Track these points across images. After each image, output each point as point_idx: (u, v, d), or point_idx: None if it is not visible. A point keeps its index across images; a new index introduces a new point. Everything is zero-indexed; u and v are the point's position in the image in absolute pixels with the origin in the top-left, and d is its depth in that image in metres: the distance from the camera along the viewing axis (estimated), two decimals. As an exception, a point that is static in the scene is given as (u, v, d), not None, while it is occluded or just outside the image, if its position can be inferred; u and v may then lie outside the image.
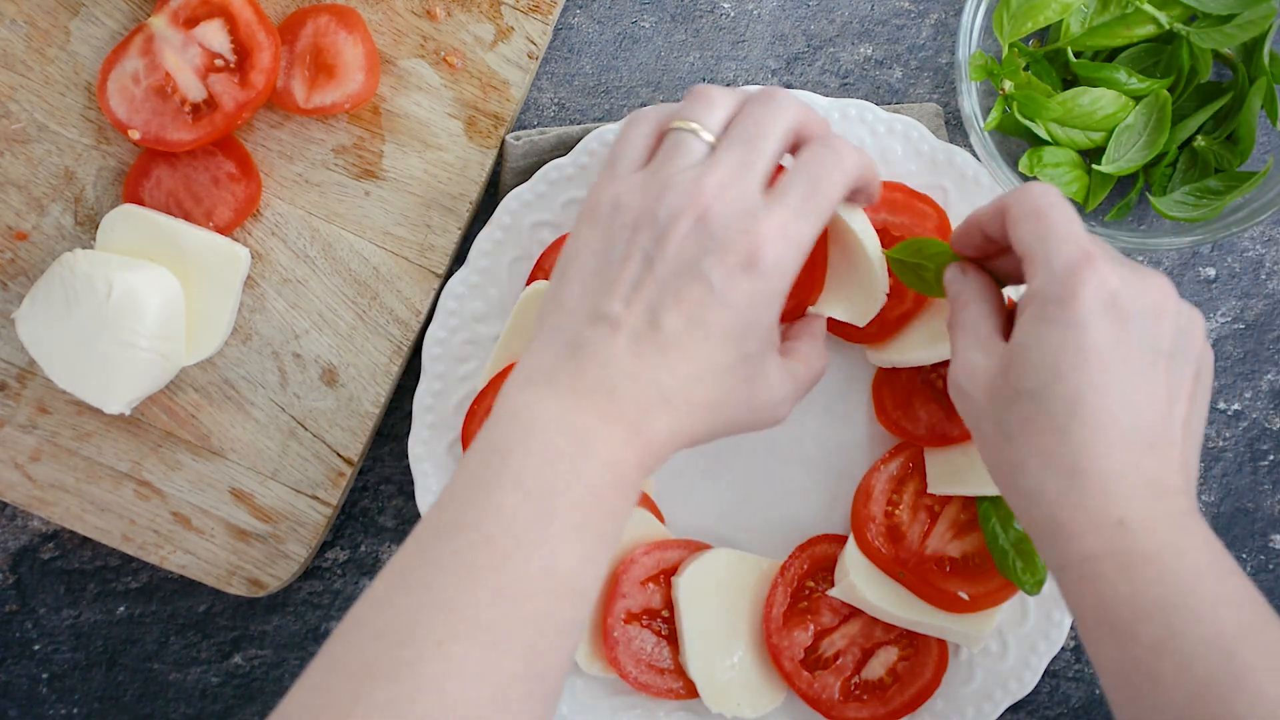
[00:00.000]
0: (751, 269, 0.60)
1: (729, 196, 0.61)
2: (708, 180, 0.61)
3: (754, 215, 0.61)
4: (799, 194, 0.62)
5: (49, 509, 0.80)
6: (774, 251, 0.60)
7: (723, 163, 0.62)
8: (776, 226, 0.61)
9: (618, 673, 0.77)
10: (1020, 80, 0.76)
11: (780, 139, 0.63)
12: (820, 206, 0.62)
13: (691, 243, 0.61)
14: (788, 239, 0.61)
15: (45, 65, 0.80)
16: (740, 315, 0.61)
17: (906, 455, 0.79)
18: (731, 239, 0.60)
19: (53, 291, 0.75)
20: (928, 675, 0.77)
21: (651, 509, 0.78)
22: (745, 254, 0.60)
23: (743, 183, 0.62)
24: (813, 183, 0.62)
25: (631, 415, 0.60)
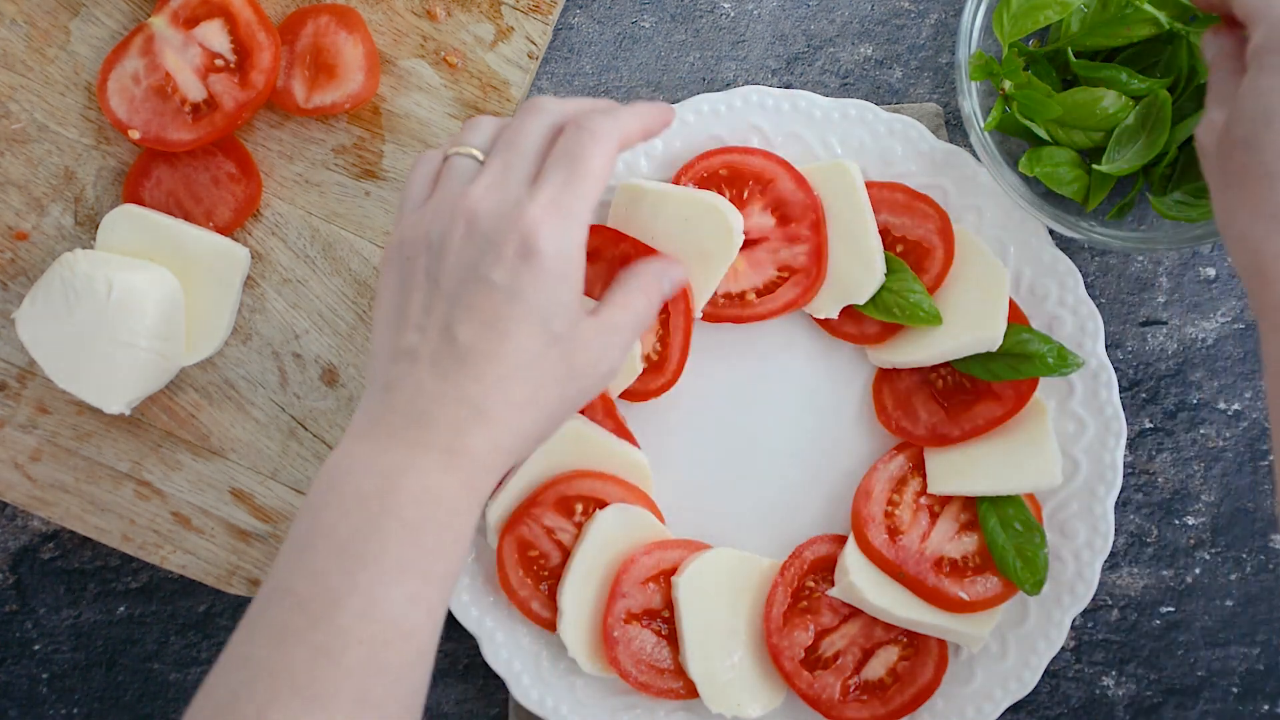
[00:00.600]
0: (529, 256, 0.61)
1: (493, 198, 0.63)
2: (472, 190, 0.63)
3: (519, 206, 0.62)
4: (559, 173, 0.63)
5: (49, 509, 0.80)
6: (548, 231, 0.62)
7: (486, 171, 0.64)
8: (543, 207, 0.62)
9: (618, 673, 0.77)
10: (1020, 80, 0.76)
11: (539, 137, 0.65)
12: (585, 178, 0.63)
13: (467, 251, 0.62)
14: (559, 216, 0.62)
15: (45, 65, 0.80)
16: (533, 302, 0.62)
17: (906, 455, 0.79)
18: (502, 234, 0.62)
19: (53, 291, 0.75)
20: (928, 675, 0.77)
21: (651, 509, 0.78)
22: (519, 243, 0.61)
23: (505, 183, 0.63)
24: (570, 160, 0.64)
25: (445, 439, 0.60)
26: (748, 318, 0.78)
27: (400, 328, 0.63)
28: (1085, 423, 0.78)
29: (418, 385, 0.61)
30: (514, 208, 0.62)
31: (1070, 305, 0.78)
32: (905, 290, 0.77)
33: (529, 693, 0.78)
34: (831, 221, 0.78)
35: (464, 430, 0.61)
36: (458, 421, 0.61)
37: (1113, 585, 0.83)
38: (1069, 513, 0.78)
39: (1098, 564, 0.78)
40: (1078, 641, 0.83)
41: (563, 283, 0.62)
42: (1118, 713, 0.83)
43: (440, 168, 0.67)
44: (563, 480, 0.76)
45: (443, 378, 0.61)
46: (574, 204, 0.63)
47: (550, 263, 0.62)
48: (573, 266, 0.63)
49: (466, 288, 0.62)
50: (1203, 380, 0.83)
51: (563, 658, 0.79)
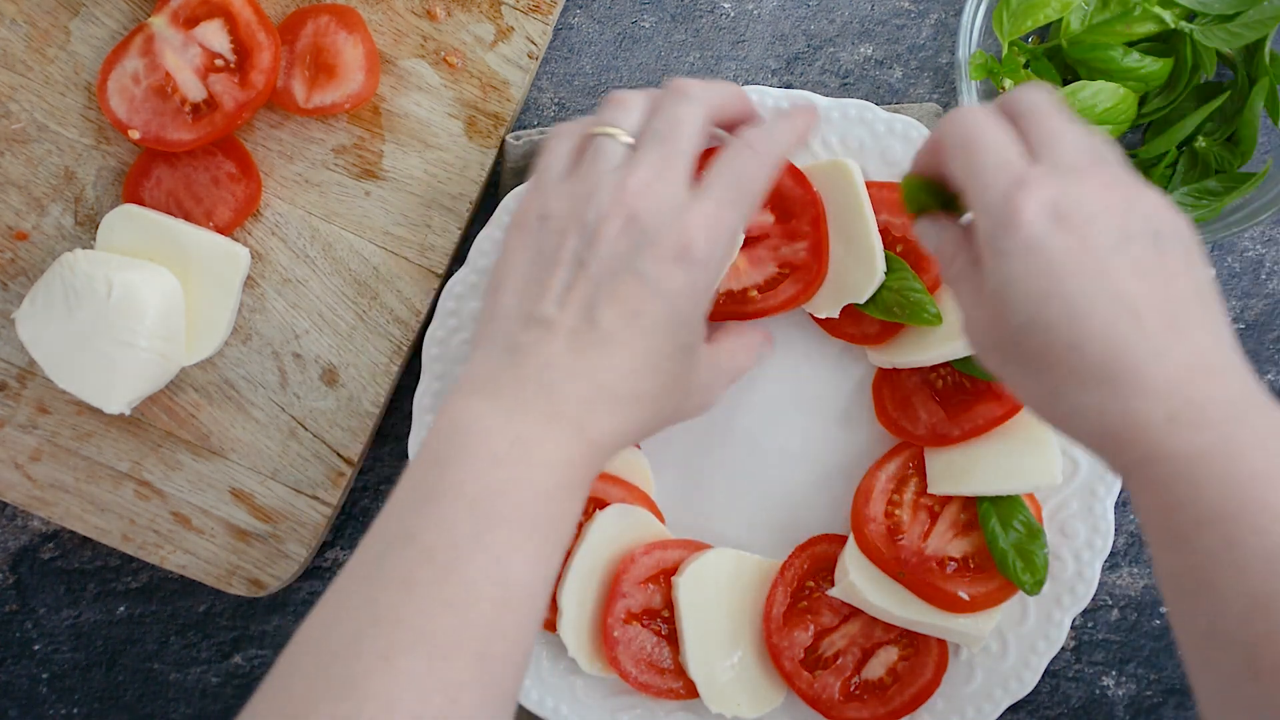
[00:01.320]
0: (684, 260, 0.62)
1: (655, 193, 0.63)
2: (631, 181, 0.63)
3: (682, 209, 0.62)
4: (723, 186, 0.64)
5: (49, 509, 0.80)
6: (705, 241, 0.62)
7: (644, 162, 0.64)
8: (705, 217, 0.62)
9: (618, 673, 0.77)
10: (1020, 78, 0.76)
11: (695, 133, 0.65)
12: (745, 197, 0.64)
13: (624, 241, 0.62)
14: (717, 229, 0.63)
15: (45, 65, 0.80)
16: (676, 306, 0.62)
17: (906, 455, 0.79)
18: (662, 233, 0.62)
19: (53, 291, 0.75)
20: (928, 675, 0.77)
21: (651, 509, 0.78)
22: (677, 246, 0.62)
23: (666, 179, 0.63)
24: (735, 177, 0.64)
25: (574, 413, 0.61)
26: (749, 314, 0.78)
27: (538, 297, 0.63)
28: (1085, 423, 0.78)
29: (550, 357, 0.61)
30: (676, 210, 0.62)
31: (1070, 305, 0.78)
32: (906, 290, 0.77)
33: (529, 693, 0.78)
34: (832, 221, 0.78)
35: (595, 410, 0.61)
36: (589, 401, 0.61)
37: (1113, 585, 0.83)
38: (1069, 513, 0.78)
39: (1098, 564, 0.77)
40: (1078, 641, 0.83)
41: (703, 294, 0.63)
42: (1118, 713, 0.83)
43: (582, 144, 0.66)
44: (563, 480, 0.76)
45: (578, 355, 0.61)
46: (730, 217, 0.63)
47: (700, 271, 0.62)
48: (714, 279, 0.64)
49: (616, 276, 0.62)
50: (1203, 380, 0.83)
51: (562, 658, 0.79)
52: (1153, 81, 0.76)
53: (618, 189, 0.63)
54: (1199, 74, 0.76)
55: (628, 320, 0.61)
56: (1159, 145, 0.77)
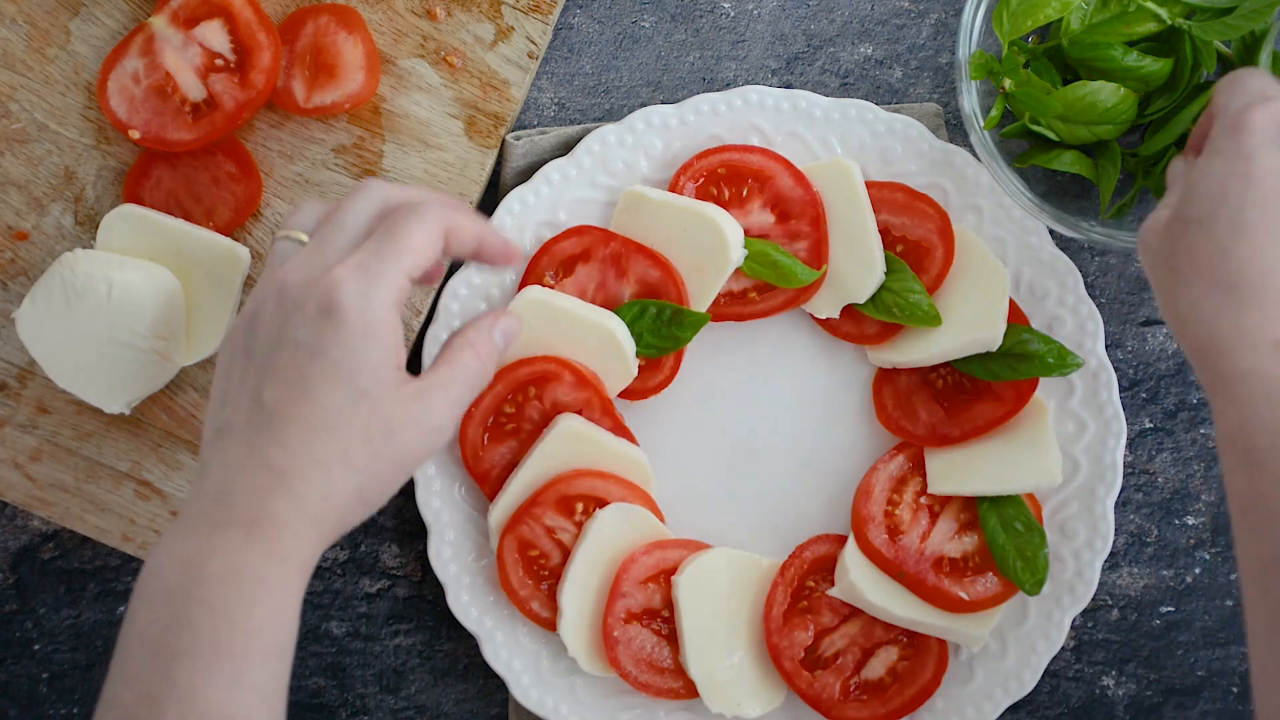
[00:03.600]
0: (330, 312, 0.60)
1: (303, 265, 0.62)
2: (287, 264, 0.63)
3: (325, 270, 0.61)
4: (372, 243, 0.62)
5: (49, 509, 0.80)
6: (349, 289, 0.60)
7: (305, 250, 0.63)
8: (348, 268, 0.61)
9: (618, 673, 0.77)
10: (1020, 78, 0.76)
11: (362, 216, 0.64)
12: (397, 245, 0.62)
13: (275, 319, 0.61)
14: (363, 275, 0.60)
15: (45, 65, 0.80)
16: (335, 358, 0.60)
17: (906, 455, 0.79)
18: (305, 296, 0.61)
19: (53, 291, 0.75)
20: (928, 675, 0.77)
21: (652, 508, 0.78)
22: (319, 303, 0.60)
23: (318, 255, 0.62)
24: (386, 231, 0.62)
25: (247, 511, 0.58)
26: (749, 315, 0.79)
27: (219, 406, 0.62)
28: (1085, 423, 0.78)
29: (225, 460, 0.60)
30: (320, 273, 0.61)
31: (1070, 305, 0.78)
32: (905, 290, 0.77)
33: (529, 693, 0.78)
34: (832, 221, 0.78)
35: (266, 497, 0.58)
36: (259, 489, 0.58)
37: (1113, 585, 0.83)
38: (1069, 513, 0.78)
39: (1098, 564, 0.78)
40: (1078, 641, 0.83)
41: (367, 339, 0.60)
42: (1118, 713, 0.83)
43: None
44: (563, 480, 0.76)
45: (250, 448, 0.59)
46: (382, 266, 0.61)
47: (351, 318, 0.60)
48: (379, 326, 0.61)
49: (274, 353, 0.61)
50: (1203, 380, 0.83)
51: (563, 658, 0.79)
52: (1153, 81, 0.76)
53: (273, 274, 0.63)
54: (1199, 72, 0.76)
55: (288, 391, 0.60)
56: (1159, 142, 0.77)
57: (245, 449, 0.60)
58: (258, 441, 0.59)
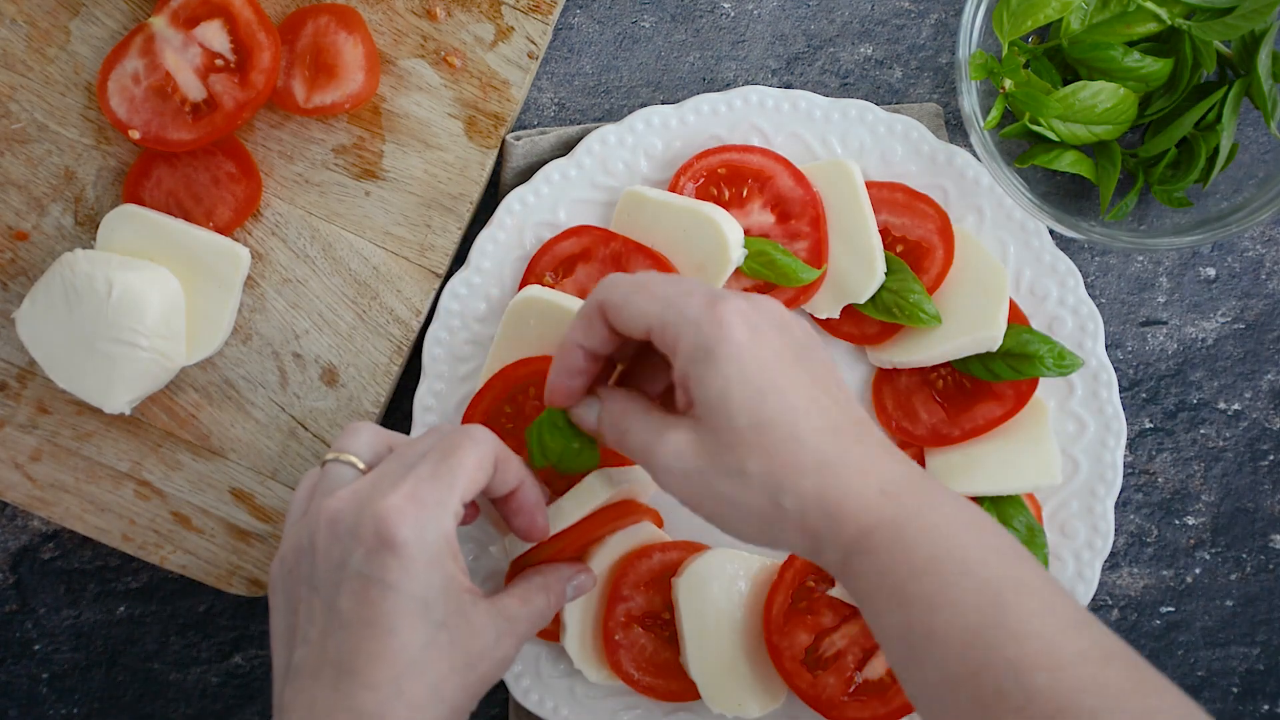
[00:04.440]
0: (389, 545, 0.59)
1: (355, 498, 0.61)
2: (340, 493, 0.61)
3: (377, 498, 0.60)
4: (426, 467, 0.61)
5: (49, 509, 0.80)
6: (403, 519, 0.59)
7: (366, 477, 0.62)
8: (401, 496, 0.60)
9: (619, 676, 0.77)
10: (1020, 79, 0.76)
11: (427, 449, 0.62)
12: (452, 470, 0.61)
13: (334, 550, 0.60)
14: (417, 505, 0.60)
15: (45, 65, 0.80)
16: (406, 591, 0.59)
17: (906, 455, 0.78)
18: (360, 528, 0.59)
19: (53, 291, 0.75)
20: (928, 675, 0.77)
21: (650, 514, 0.78)
22: (377, 535, 0.59)
23: (374, 485, 0.61)
24: (440, 455, 0.62)
25: None
26: (748, 318, 0.78)
27: (290, 643, 0.61)
28: (1085, 423, 0.78)
29: (309, 702, 0.58)
30: (374, 501, 0.60)
31: (1070, 305, 0.78)
32: (905, 290, 0.77)
33: (529, 694, 0.78)
34: (832, 221, 0.78)
35: None
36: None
37: (1113, 585, 0.83)
38: (1069, 513, 0.78)
39: (1098, 564, 0.77)
40: (1078, 641, 0.83)
41: (431, 570, 0.59)
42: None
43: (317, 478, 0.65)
44: (562, 481, 0.76)
45: (333, 689, 0.58)
46: (436, 494, 0.60)
47: (413, 550, 0.59)
48: (441, 555, 0.60)
49: (339, 587, 0.59)
50: (1203, 380, 0.83)
51: (563, 659, 0.79)
52: (1153, 81, 0.76)
53: (327, 501, 0.61)
54: (1199, 73, 0.76)
55: (365, 630, 0.58)
56: (1159, 144, 0.77)
57: (331, 693, 0.58)
58: (344, 685, 0.58)
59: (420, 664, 0.59)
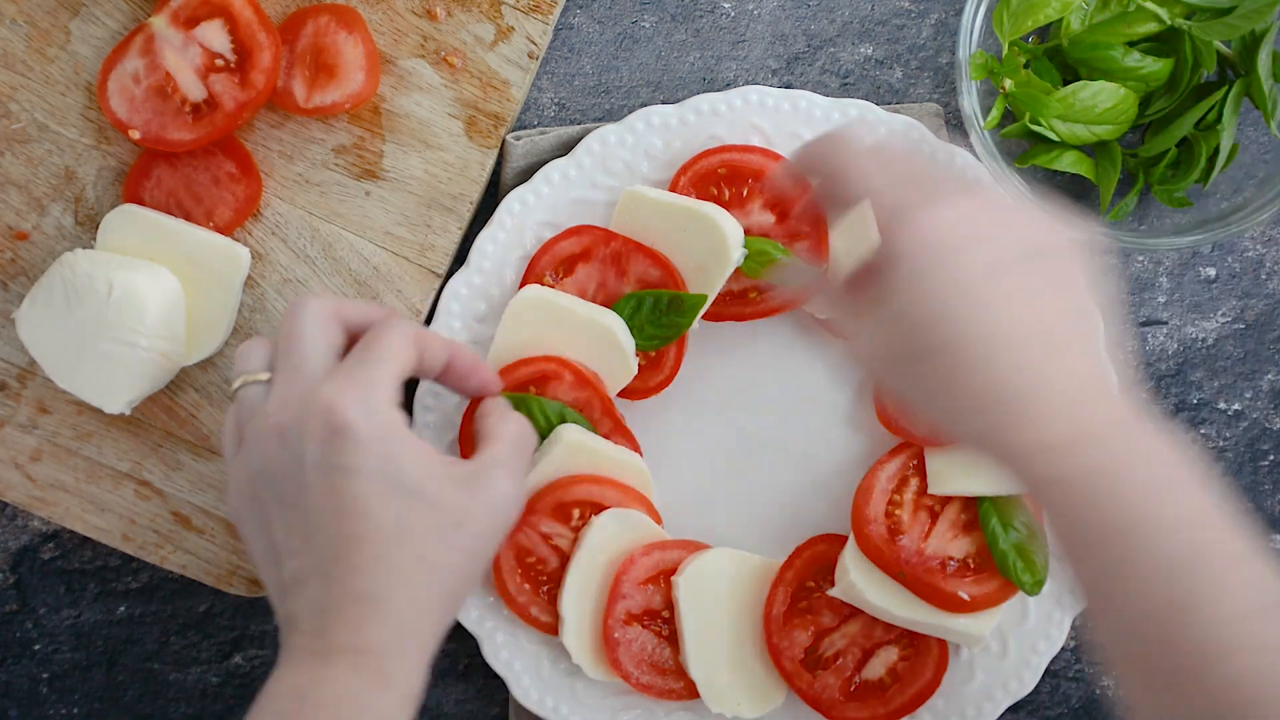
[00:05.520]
0: (338, 430, 0.59)
1: (288, 397, 0.61)
2: (268, 406, 0.62)
3: (313, 393, 0.60)
4: (352, 358, 0.62)
5: (49, 509, 0.80)
6: (348, 401, 0.60)
7: (275, 384, 0.62)
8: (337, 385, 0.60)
9: (619, 674, 0.77)
10: (1020, 79, 0.76)
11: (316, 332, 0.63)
12: (379, 355, 0.62)
13: (286, 457, 0.60)
14: (356, 387, 0.60)
15: (45, 65, 0.80)
16: (370, 470, 0.59)
17: (906, 455, 0.78)
18: (305, 428, 0.60)
19: (53, 291, 0.75)
20: (928, 675, 0.77)
21: (650, 512, 0.78)
22: (324, 428, 0.59)
23: (295, 382, 0.62)
24: (364, 348, 0.62)
25: (347, 640, 0.59)
26: (749, 315, 0.79)
27: (277, 562, 0.62)
28: (1085, 423, 0.78)
29: (311, 602, 0.60)
30: (310, 397, 0.60)
31: (1070, 305, 0.78)
32: None
33: (529, 693, 0.78)
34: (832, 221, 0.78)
35: (362, 626, 0.59)
36: (353, 620, 0.59)
37: (1113, 585, 0.83)
38: (1069, 513, 0.78)
39: (1098, 564, 0.77)
40: (1078, 641, 0.83)
41: (390, 442, 0.60)
42: (1118, 713, 0.83)
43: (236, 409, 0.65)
44: (560, 486, 0.76)
45: (327, 582, 0.59)
46: (369, 374, 0.61)
47: (364, 428, 0.59)
48: (393, 426, 0.60)
49: (306, 490, 0.60)
50: (1203, 380, 0.83)
51: (563, 658, 0.79)
52: (1154, 81, 0.76)
53: (262, 421, 0.62)
54: (1199, 73, 0.76)
55: (341, 518, 0.59)
56: (1159, 144, 0.77)
57: (326, 585, 0.59)
58: (334, 574, 0.59)
59: (400, 535, 0.59)
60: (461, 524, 0.61)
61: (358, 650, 0.58)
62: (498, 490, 0.63)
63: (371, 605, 0.59)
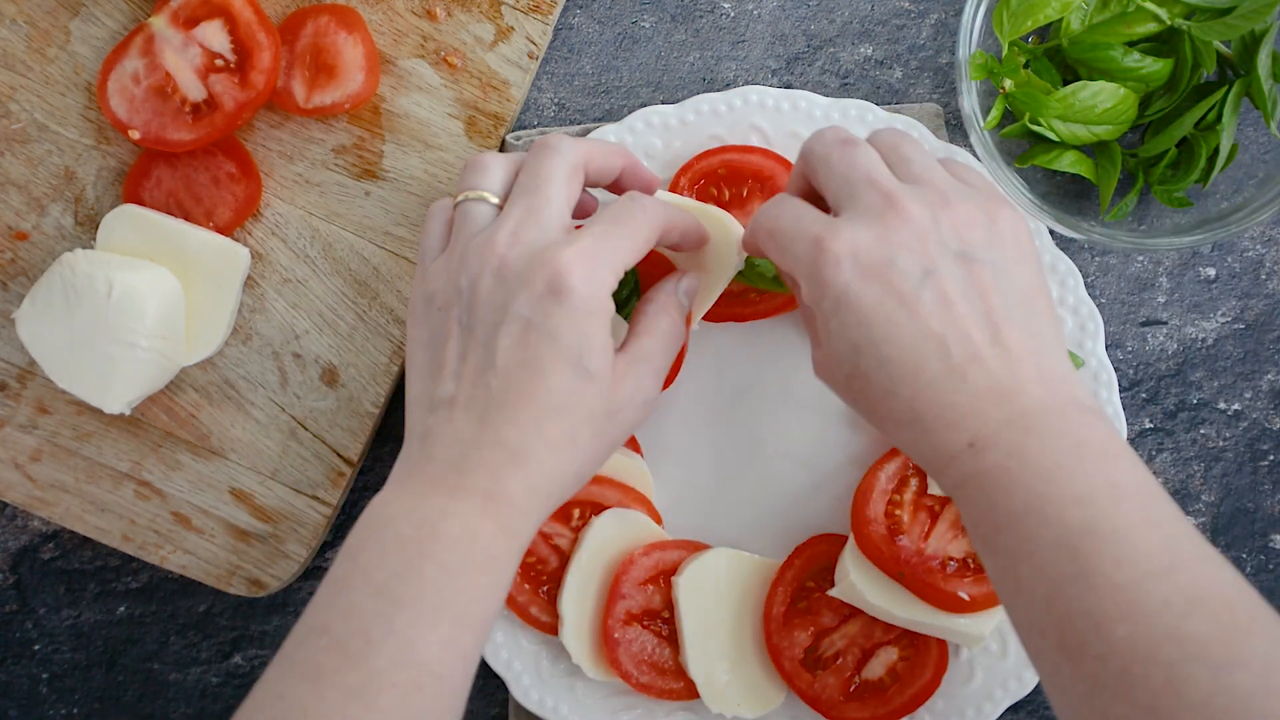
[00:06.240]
0: (559, 294, 0.61)
1: (522, 241, 0.63)
2: (498, 235, 0.63)
3: (551, 248, 0.62)
4: (599, 225, 0.64)
5: (49, 509, 0.80)
6: (579, 272, 0.61)
7: (511, 215, 0.64)
8: (576, 250, 0.62)
9: (618, 674, 0.77)
10: (1020, 79, 0.76)
11: (563, 181, 0.65)
12: (625, 236, 0.64)
13: (499, 293, 0.62)
14: (592, 259, 0.62)
15: (45, 65, 0.80)
16: (566, 340, 0.61)
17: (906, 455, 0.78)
18: (532, 274, 0.62)
19: (53, 291, 0.75)
20: (928, 675, 0.77)
21: (650, 511, 0.78)
22: (548, 282, 0.61)
23: (534, 227, 0.63)
24: (614, 220, 0.64)
25: (483, 483, 0.60)
26: (749, 315, 0.79)
27: (437, 377, 0.63)
28: (1085, 423, 0.78)
29: (455, 432, 0.61)
30: (545, 250, 0.62)
31: (1070, 305, 0.78)
32: None
33: (529, 693, 0.78)
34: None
35: (500, 474, 0.61)
36: (494, 466, 0.61)
37: (1113, 585, 0.83)
38: (1069, 513, 0.78)
39: (1098, 564, 0.77)
40: (1078, 641, 0.83)
41: (594, 322, 0.62)
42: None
43: (453, 215, 0.67)
44: (562, 482, 0.76)
45: (479, 421, 0.61)
46: (609, 254, 0.63)
47: (580, 301, 0.61)
48: (604, 309, 0.62)
49: (500, 330, 0.62)
50: (1203, 380, 0.83)
51: (563, 658, 0.79)
52: (1153, 81, 0.76)
53: (486, 246, 0.63)
54: (1199, 73, 0.76)
55: (519, 371, 0.61)
56: (1159, 144, 0.77)
57: (478, 424, 0.61)
58: (491, 418, 0.61)
59: (563, 409, 0.61)
60: (613, 415, 0.64)
61: (491, 496, 0.60)
62: (643, 386, 0.65)
63: (515, 459, 0.61)
